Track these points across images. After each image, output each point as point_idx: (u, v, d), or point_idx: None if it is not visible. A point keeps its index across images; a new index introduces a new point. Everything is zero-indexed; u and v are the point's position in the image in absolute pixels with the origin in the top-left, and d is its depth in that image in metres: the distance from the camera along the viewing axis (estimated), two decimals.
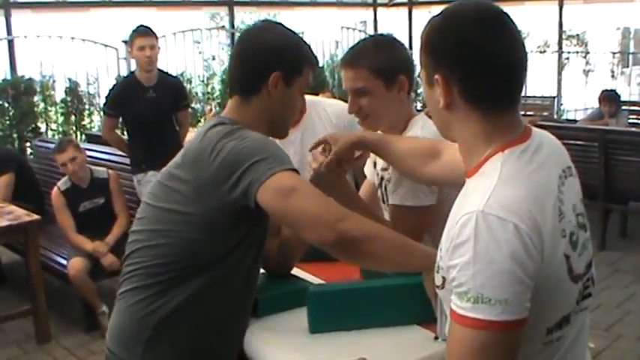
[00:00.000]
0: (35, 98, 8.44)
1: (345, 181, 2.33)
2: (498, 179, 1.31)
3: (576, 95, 12.93)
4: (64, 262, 5.01)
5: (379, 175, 2.46)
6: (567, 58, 13.20)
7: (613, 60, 14.31)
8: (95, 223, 5.07)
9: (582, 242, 1.41)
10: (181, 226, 1.88)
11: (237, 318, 2.07)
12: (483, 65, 1.36)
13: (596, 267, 1.50)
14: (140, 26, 5.41)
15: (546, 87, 12.40)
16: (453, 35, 1.38)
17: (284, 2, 12.76)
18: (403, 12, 13.30)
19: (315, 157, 2.26)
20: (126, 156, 5.67)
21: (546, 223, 1.29)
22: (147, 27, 5.41)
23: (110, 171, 5.39)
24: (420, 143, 2.21)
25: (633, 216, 7.13)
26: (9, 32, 8.41)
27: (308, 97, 2.96)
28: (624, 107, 9.03)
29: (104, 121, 5.76)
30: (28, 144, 8.16)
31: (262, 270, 2.21)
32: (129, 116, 5.49)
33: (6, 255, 6.13)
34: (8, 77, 8.28)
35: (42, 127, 8.53)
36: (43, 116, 8.65)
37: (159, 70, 5.51)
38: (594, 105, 9.39)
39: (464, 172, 1.48)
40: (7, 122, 8.10)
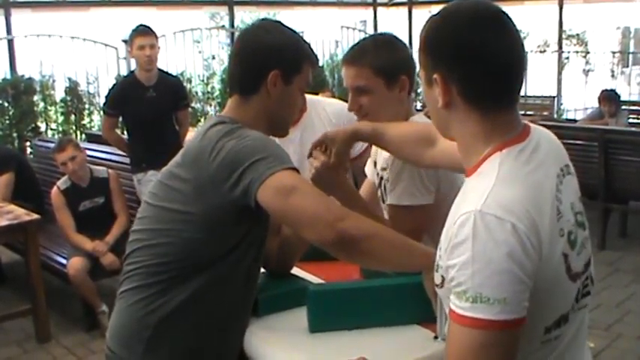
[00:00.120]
0: (35, 98, 8.44)
1: (346, 180, 2.33)
2: (496, 179, 1.31)
3: (576, 95, 12.93)
4: (64, 262, 5.01)
5: (379, 175, 2.46)
6: (567, 58, 13.20)
7: (613, 60, 14.31)
8: (95, 223, 5.07)
9: (581, 241, 1.41)
10: (182, 225, 1.88)
11: (237, 317, 2.07)
12: (482, 65, 1.36)
13: (595, 266, 1.50)
14: (140, 25, 5.41)
15: (546, 87, 12.40)
16: (452, 35, 1.38)
17: (284, 2, 12.77)
18: (403, 11, 13.30)
19: (316, 156, 2.25)
20: (126, 155, 5.66)
21: (544, 223, 1.29)
22: (147, 26, 5.40)
23: (110, 170, 5.38)
24: (413, 128, 2.21)
25: (633, 215, 7.14)
26: (9, 32, 8.40)
27: (308, 97, 2.96)
28: (624, 107, 9.04)
29: (104, 121, 5.75)
30: (28, 143, 8.16)
31: (262, 269, 2.21)
32: (129, 116, 5.49)
33: (6, 254, 6.12)
34: (8, 77, 8.27)
35: (42, 127, 8.53)
36: (43, 116, 8.64)
37: (159, 70, 5.51)
38: (594, 105, 9.39)
39: (456, 163, 1.48)
40: (7, 122, 8.10)
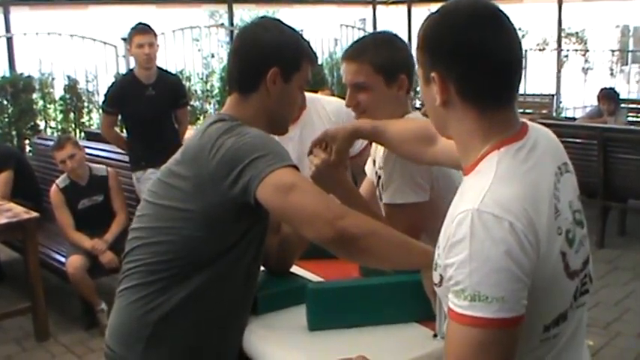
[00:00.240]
0: (34, 96, 8.44)
1: (346, 178, 2.32)
2: (494, 177, 1.31)
3: (575, 93, 12.93)
4: (63, 260, 5.00)
5: (377, 174, 2.46)
6: (566, 56, 13.20)
7: (612, 58, 14.30)
8: (94, 221, 5.06)
9: (579, 239, 1.41)
10: (181, 223, 1.88)
11: (237, 315, 2.07)
12: (480, 63, 1.35)
13: (594, 265, 1.50)
14: (139, 24, 5.41)
15: (545, 85, 12.40)
16: (450, 33, 1.38)
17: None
18: (402, 9, 13.29)
19: (316, 154, 2.25)
20: (125, 153, 5.66)
21: (541, 221, 1.29)
22: (146, 24, 5.40)
23: (109, 168, 5.38)
24: (414, 125, 2.21)
25: (632, 214, 7.14)
26: (7, 29, 8.41)
27: (307, 94, 2.96)
28: (623, 105, 9.04)
29: (103, 119, 5.76)
30: (27, 141, 8.16)
31: (261, 267, 2.21)
32: (128, 114, 5.49)
33: (5, 252, 6.13)
34: (7, 75, 8.28)
35: (41, 125, 8.53)
36: (42, 114, 8.64)
37: (158, 68, 5.51)
38: (593, 103, 9.39)
39: (455, 161, 1.47)
40: (6, 120, 8.11)
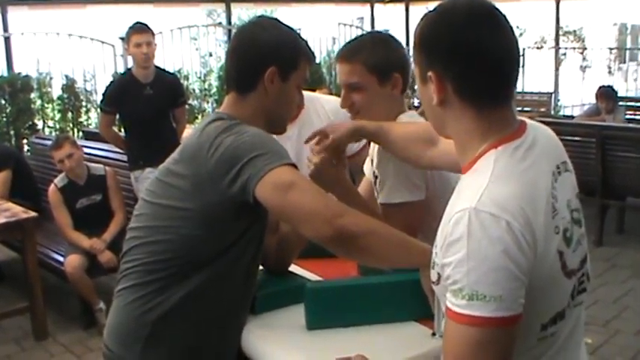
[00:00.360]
0: (32, 95, 8.42)
1: (344, 177, 2.32)
2: (491, 176, 1.31)
3: (573, 91, 12.93)
4: (61, 259, 5.00)
5: (374, 174, 2.46)
6: (564, 54, 13.21)
7: (610, 56, 14.32)
8: (92, 220, 5.06)
9: (577, 238, 1.41)
10: (180, 222, 1.88)
11: (236, 315, 2.07)
12: (477, 62, 1.35)
13: (593, 263, 1.49)
14: (137, 23, 5.41)
15: (543, 83, 12.40)
16: (446, 32, 1.38)
17: None
18: (400, 8, 13.27)
19: (315, 153, 2.25)
20: (123, 153, 5.66)
21: (538, 221, 1.29)
22: (143, 24, 5.40)
23: (107, 168, 5.38)
24: (415, 128, 2.20)
25: (630, 212, 7.14)
26: (5, 29, 8.39)
27: (306, 93, 2.96)
28: (621, 103, 9.04)
29: (101, 118, 5.75)
30: (25, 141, 8.15)
31: (260, 267, 2.21)
32: (126, 113, 5.49)
33: (3, 252, 6.12)
34: (5, 74, 8.26)
35: (39, 124, 8.51)
36: (40, 113, 8.62)
37: (156, 67, 5.51)
38: (591, 101, 9.40)
39: (454, 163, 1.47)
40: (4, 119, 8.09)
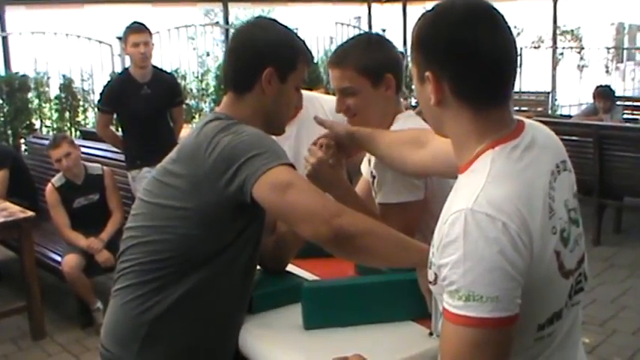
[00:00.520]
0: (29, 95, 8.41)
1: (342, 177, 2.32)
2: (488, 177, 1.31)
3: (571, 91, 12.94)
4: (59, 259, 5.00)
5: (372, 174, 2.46)
6: (562, 54, 13.21)
7: (607, 55, 14.32)
8: (90, 220, 5.06)
9: (574, 238, 1.41)
10: (177, 222, 1.88)
11: (233, 314, 2.07)
12: (474, 63, 1.35)
13: (591, 262, 1.49)
14: (134, 23, 5.40)
15: (541, 82, 12.40)
16: (444, 32, 1.38)
17: None
18: (397, 8, 13.28)
19: (312, 153, 2.25)
20: (120, 152, 5.66)
21: (535, 221, 1.29)
22: (141, 23, 5.40)
23: (105, 167, 5.38)
24: (406, 133, 2.20)
25: (628, 211, 7.15)
26: (3, 29, 8.38)
27: (305, 93, 2.94)
28: (619, 103, 9.04)
29: (98, 118, 5.75)
30: (23, 140, 8.13)
31: (257, 266, 2.20)
32: (123, 113, 5.48)
33: (0, 252, 6.12)
34: (2, 74, 8.24)
35: (36, 124, 8.50)
36: (38, 113, 8.61)
37: (153, 67, 5.51)
38: (589, 100, 9.40)
39: (449, 162, 1.46)
40: (2, 119, 8.08)
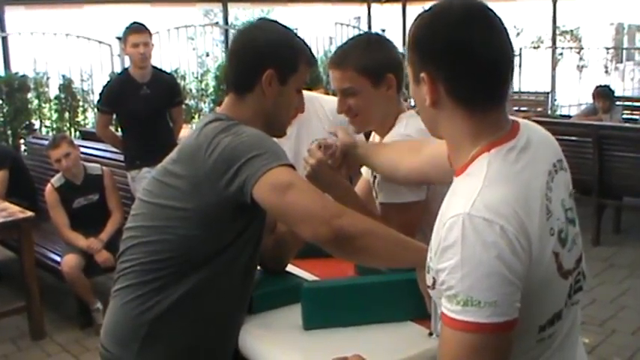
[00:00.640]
0: (29, 95, 8.42)
1: (341, 178, 2.32)
2: (484, 180, 1.31)
3: (570, 91, 12.95)
4: (58, 259, 5.00)
5: (373, 173, 2.46)
6: (561, 54, 13.23)
7: (607, 55, 14.34)
8: (89, 220, 5.05)
9: (572, 238, 1.41)
10: (177, 222, 1.88)
11: (234, 314, 2.07)
12: (469, 64, 1.35)
13: (590, 262, 1.50)
14: (134, 23, 5.40)
15: (540, 83, 12.41)
16: (439, 34, 1.37)
17: None
18: (397, 8, 13.28)
19: (312, 153, 2.25)
20: (120, 153, 5.65)
21: (533, 224, 1.29)
22: (140, 24, 5.39)
23: (104, 167, 5.37)
24: (403, 143, 2.20)
25: (627, 211, 7.15)
26: (2, 29, 8.38)
27: (305, 93, 2.94)
28: (618, 103, 9.05)
29: (98, 118, 5.74)
30: (22, 141, 8.14)
31: (257, 266, 2.20)
32: (123, 113, 5.47)
33: (0, 252, 6.10)
34: (2, 74, 8.25)
35: (36, 124, 8.51)
36: (37, 113, 8.62)
37: (153, 67, 5.50)
38: (588, 100, 9.41)
39: (442, 166, 1.46)
40: (1, 119, 8.09)
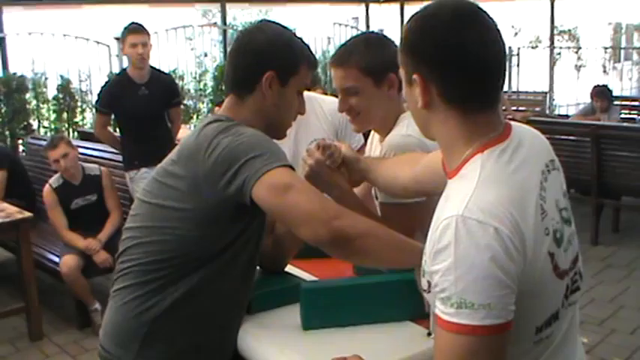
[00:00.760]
0: (27, 95, 8.41)
1: (340, 178, 2.32)
2: (478, 181, 1.31)
3: (568, 90, 12.96)
4: (57, 260, 5.00)
5: None
6: (559, 54, 13.25)
7: (605, 55, 14.37)
8: (87, 220, 5.06)
9: (567, 238, 1.41)
10: (177, 223, 1.88)
11: (233, 314, 2.08)
12: (461, 66, 1.35)
13: (589, 262, 1.50)
14: (132, 23, 5.40)
15: (538, 82, 12.43)
16: (431, 36, 1.37)
17: None
18: (395, 8, 13.28)
19: (310, 154, 2.25)
20: (118, 153, 5.65)
21: (528, 224, 1.29)
22: (139, 24, 5.39)
23: (102, 168, 5.37)
24: (402, 156, 2.19)
25: (626, 211, 7.16)
26: (0, 29, 8.37)
27: (305, 94, 2.95)
28: (616, 102, 9.05)
29: (96, 119, 5.74)
30: (20, 141, 8.14)
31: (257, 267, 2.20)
32: (121, 113, 5.48)
33: None
34: (0, 74, 8.24)
35: (34, 125, 8.50)
36: (35, 113, 8.61)
37: (151, 67, 5.50)
38: (586, 100, 9.42)
39: (435, 176, 1.45)
40: None
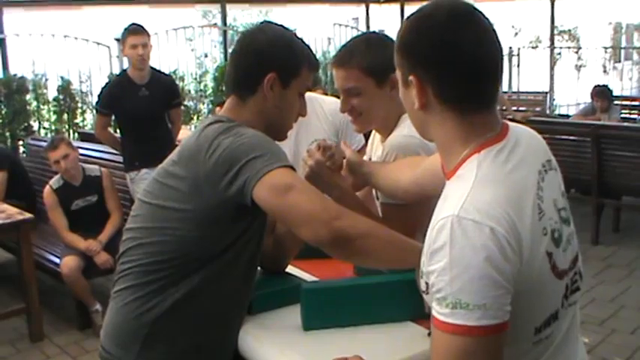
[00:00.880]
0: (28, 97, 8.42)
1: (341, 178, 2.32)
2: (474, 182, 1.30)
3: (569, 90, 12.96)
4: (57, 261, 5.00)
5: None
6: (559, 54, 13.25)
7: (605, 55, 14.36)
8: (88, 221, 5.06)
9: (566, 238, 1.40)
10: (177, 224, 1.88)
11: (234, 315, 2.07)
12: (457, 67, 1.34)
13: (589, 262, 1.49)
14: (132, 24, 5.40)
15: (539, 82, 12.43)
16: (427, 37, 1.37)
17: None
18: (395, 8, 13.28)
19: (311, 154, 2.25)
20: (118, 154, 5.65)
21: (525, 224, 1.28)
22: (139, 25, 5.39)
23: (103, 169, 5.37)
24: (404, 160, 2.19)
25: (626, 210, 7.16)
26: (1, 31, 8.38)
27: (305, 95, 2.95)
28: (616, 102, 9.06)
29: (97, 120, 5.74)
30: (21, 142, 8.15)
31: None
32: (121, 114, 5.47)
33: None
34: (0, 76, 8.25)
35: (34, 126, 8.51)
36: (36, 114, 8.62)
37: (151, 68, 5.50)
38: (587, 100, 9.42)
39: (435, 178, 1.45)
40: (0, 121, 8.08)
